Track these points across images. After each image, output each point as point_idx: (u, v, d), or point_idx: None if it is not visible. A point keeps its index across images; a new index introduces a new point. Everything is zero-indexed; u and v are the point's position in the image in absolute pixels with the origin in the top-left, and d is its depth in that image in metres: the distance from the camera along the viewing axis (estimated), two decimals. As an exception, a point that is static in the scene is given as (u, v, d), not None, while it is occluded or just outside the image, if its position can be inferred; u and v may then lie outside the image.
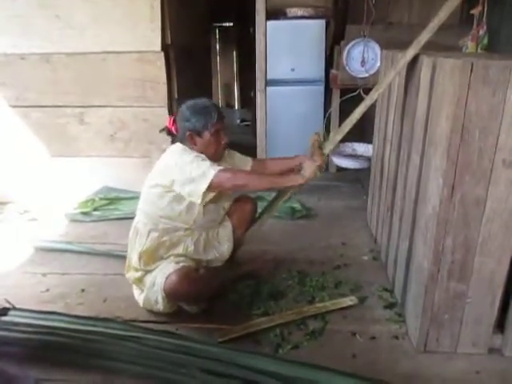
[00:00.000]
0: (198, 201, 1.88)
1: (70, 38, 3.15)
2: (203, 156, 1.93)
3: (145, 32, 3.10)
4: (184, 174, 1.87)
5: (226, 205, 2.18)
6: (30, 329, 1.83)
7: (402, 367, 1.71)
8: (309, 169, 1.99)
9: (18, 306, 2.01)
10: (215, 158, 2.02)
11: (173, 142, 2.10)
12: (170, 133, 2.09)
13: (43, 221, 3.13)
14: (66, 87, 3.27)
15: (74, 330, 1.82)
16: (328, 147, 2.17)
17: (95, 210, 3.20)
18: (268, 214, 2.30)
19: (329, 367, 1.61)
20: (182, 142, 2.01)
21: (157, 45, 3.11)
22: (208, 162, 1.89)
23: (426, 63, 1.79)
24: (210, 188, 1.84)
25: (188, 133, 1.96)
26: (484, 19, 2.68)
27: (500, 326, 1.72)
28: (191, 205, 1.95)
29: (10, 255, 2.61)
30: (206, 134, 1.96)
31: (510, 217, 1.54)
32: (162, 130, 2.13)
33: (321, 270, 2.38)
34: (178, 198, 1.94)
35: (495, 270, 1.61)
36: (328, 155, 2.44)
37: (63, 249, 2.68)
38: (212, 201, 1.97)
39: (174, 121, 2.05)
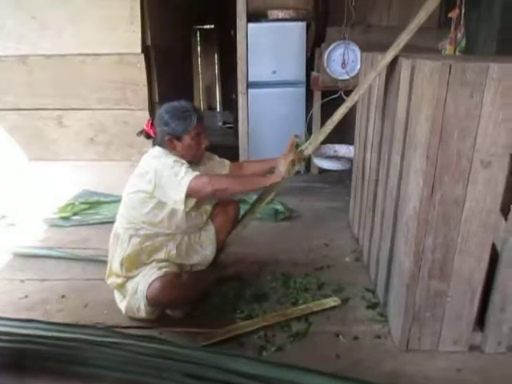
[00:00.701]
0: (181, 207, 1.86)
1: (47, 40, 3.10)
2: (183, 161, 1.91)
3: (125, 33, 3.06)
4: (163, 180, 1.84)
5: (208, 208, 2.17)
6: (8, 337, 1.78)
7: (385, 366, 1.72)
8: (282, 165, 2.01)
9: (-5, 314, 1.96)
10: (195, 160, 2.01)
11: (153, 145, 2.07)
12: (148, 136, 2.03)
13: (21, 226, 3.06)
14: (43, 89, 3.21)
15: (53, 338, 1.78)
16: (310, 149, 2.18)
17: (75, 214, 3.14)
18: (250, 216, 2.29)
19: (313, 368, 1.61)
20: (160, 145, 1.98)
21: (137, 47, 3.08)
22: (186, 169, 1.86)
23: (405, 65, 1.82)
24: (188, 194, 1.83)
25: (167, 137, 1.93)
26: (462, 22, 2.73)
27: (480, 323, 1.75)
28: (173, 211, 1.92)
29: (-14, 262, 2.55)
30: (186, 138, 1.94)
31: (488, 216, 1.57)
32: (139, 133, 2.06)
33: (304, 271, 2.39)
34: (161, 205, 1.91)
35: (474, 268, 1.64)
36: (310, 156, 2.45)
37: (42, 254, 2.62)
38: (194, 206, 1.95)
39: (152, 124, 2.00)
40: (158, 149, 1.97)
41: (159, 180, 1.85)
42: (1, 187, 3.36)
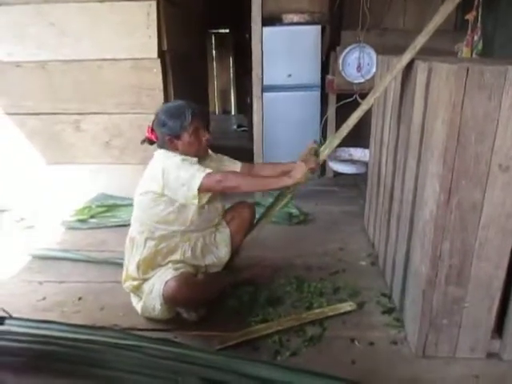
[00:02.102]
0: (195, 202, 1.87)
1: (66, 46, 3.15)
2: (190, 159, 1.93)
3: (141, 39, 3.10)
4: (173, 178, 1.86)
5: (219, 206, 2.17)
6: (27, 338, 1.81)
7: (401, 372, 1.70)
8: (299, 170, 1.97)
9: (14, 315, 1.99)
10: (200, 154, 2.02)
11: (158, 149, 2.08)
12: (151, 142, 2.05)
13: (40, 228, 3.11)
14: (61, 94, 3.26)
15: (72, 339, 1.80)
16: (324, 152, 2.17)
17: (92, 217, 3.19)
18: (266, 220, 2.30)
19: (328, 374, 1.61)
20: (162, 147, 2.00)
21: (153, 52, 3.12)
22: (197, 166, 1.90)
23: (421, 68, 1.80)
24: (200, 190, 1.84)
25: (167, 138, 1.96)
26: (478, 24, 2.70)
27: (498, 330, 1.72)
28: (183, 206, 1.94)
29: (6, 263, 2.59)
30: (185, 135, 1.95)
31: (506, 221, 1.54)
32: (143, 142, 2.08)
33: (319, 275, 2.38)
34: (172, 202, 1.93)
35: (493, 274, 1.61)
36: (325, 160, 2.44)
37: (60, 257, 2.66)
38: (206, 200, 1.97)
39: (153, 129, 2.02)
40: (162, 151, 1.99)
41: (167, 179, 1.87)
42: (20, 190, 3.42)
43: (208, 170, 1.87)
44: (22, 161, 3.40)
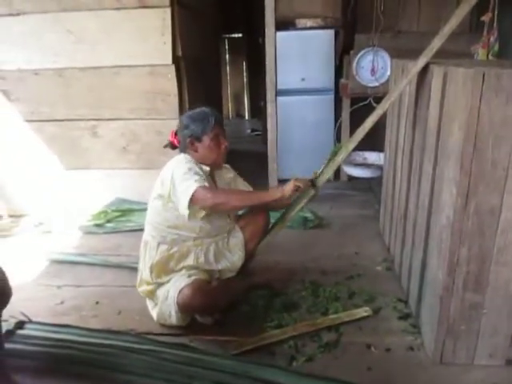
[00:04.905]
0: (185, 213, 1.86)
1: (83, 53, 3.20)
2: (196, 169, 1.93)
3: (156, 45, 3.14)
4: (176, 185, 1.89)
5: (231, 213, 2.18)
6: (45, 342, 1.85)
7: (419, 379, 1.68)
8: (288, 185, 1.97)
9: (33, 319, 2.03)
10: (218, 161, 2.07)
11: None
12: (173, 146, 2.12)
13: (57, 233, 3.16)
14: (78, 101, 3.31)
15: (89, 343, 1.83)
16: (321, 179, 2.16)
17: (108, 221, 3.23)
18: (280, 225, 2.29)
19: (343, 380, 1.60)
20: (183, 151, 2.05)
21: (168, 58, 3.15)
22: (196, 177, 1.87)
23: (436, 72, 1.79)
24: (192, 201, 1.84)
25: (188, 139, 2.01)
26: (494, 26, 2.67)
27: (518, 337, 1.69)
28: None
29: (24, 268, 2.64)
30: (206, 139, 2.00)
31: (525, 226, 1.52)
32: (166, 146, 2.15)
33: (334, 280, 2.37)
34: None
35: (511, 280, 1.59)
36: (339, 164, 2.43)
37: (77, 261, 2.70)
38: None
39: (176, 133, 2.09)
40: (179, 156, 2.02)
41: (173, 185, 1.90)
42: (38, 195, 3.48)
43: (205, 184, 1.87)
44: (41, 166, 3.46)
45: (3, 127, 3.38)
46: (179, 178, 1.88)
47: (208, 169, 2.02)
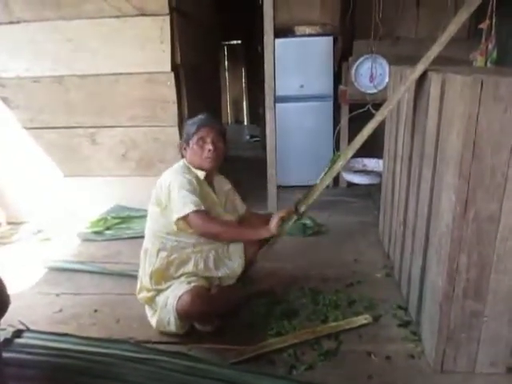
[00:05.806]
0: (175, 228, 1.96)
1: (82, 60, 3.21)
2: (194, 183, 1.97)
3: (155, 53, 3.14)
4: (172, 196, 1.93)
5: (231, 218, 2.19)
6: (43, 351, 1.84)
7: (419, 388, 1.67)
8: (273, 221, 1.96)
9: (31, 327, 2.02)
10: (204, 165, 2.06)
11: None
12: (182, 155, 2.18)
13: (56, 240, 3.16)
14: (78, 108, 3.32)
15: (87, 352, 1.82)
16: (303, 206, 2.12)
17: (107, 229, 3.22)
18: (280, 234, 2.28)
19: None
20: (183, 157, 2.13)
21: (167, 65, 3.16)
22: (193, 198, 1.90)
23: (435, 79, 1.79)
24: (184, 219, 1.90)
25: (181, 146, 2.13)
26: (493, 33, 2.68)
27: (519, 344, 1.68)
28: None
29: (23, 275, 2.63)
30: (191, 143, 2.07)
31: (525, 233, 1.52)
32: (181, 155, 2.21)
33: (334, 287, 2.36)
34: None
35: (512, 287, 1.58)
36: (339, 171, 2.42)
37: (76, 269, 2.69)
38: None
39: None
40: (178, 164, 2.09)
41: (169, 195, 1.94)
42: (38, 203, 3.48)
43: (201, 207, 1.90)
44: (40, 173, 3.46)
45: (3, 134, 3.39)
46: (175, 190, 1.92)
47: (201, 173, 2.06)
